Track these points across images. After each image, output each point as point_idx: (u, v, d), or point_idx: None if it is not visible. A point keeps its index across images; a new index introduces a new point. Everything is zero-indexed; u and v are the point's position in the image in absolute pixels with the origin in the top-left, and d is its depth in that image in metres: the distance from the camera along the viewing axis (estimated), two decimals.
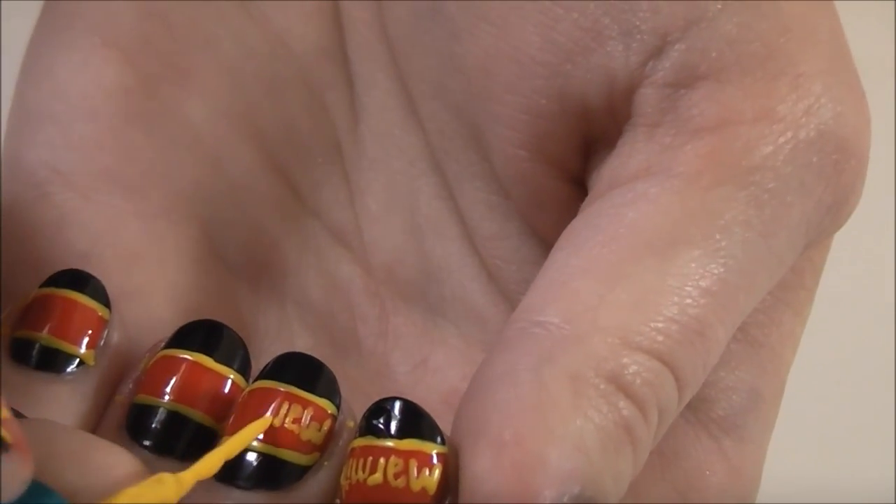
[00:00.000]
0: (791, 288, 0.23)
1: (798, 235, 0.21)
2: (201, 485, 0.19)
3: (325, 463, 0.20)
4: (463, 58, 0.23)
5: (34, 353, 0.21)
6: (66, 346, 0.21)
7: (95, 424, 0.21)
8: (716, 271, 0.20)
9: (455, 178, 0.25)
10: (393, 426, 0.19)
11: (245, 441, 0.20)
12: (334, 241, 0.26)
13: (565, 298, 0.20)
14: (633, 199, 0.21)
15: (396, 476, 0.19)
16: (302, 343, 0.26)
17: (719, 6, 0.21)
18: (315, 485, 0.20)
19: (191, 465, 0.19)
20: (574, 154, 0.23)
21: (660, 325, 0.19)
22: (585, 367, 0.19)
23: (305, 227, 0.26)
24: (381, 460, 0.19)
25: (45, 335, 0.21)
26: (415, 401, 0.20)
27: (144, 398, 0.21)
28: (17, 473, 0.16)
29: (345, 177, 0.26)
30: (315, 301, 0.26)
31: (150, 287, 0.24)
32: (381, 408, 0.20)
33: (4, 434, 0.16)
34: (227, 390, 0.21)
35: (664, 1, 0.21)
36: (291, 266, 0.26)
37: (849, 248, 0.25)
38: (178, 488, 0.18)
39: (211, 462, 0.19)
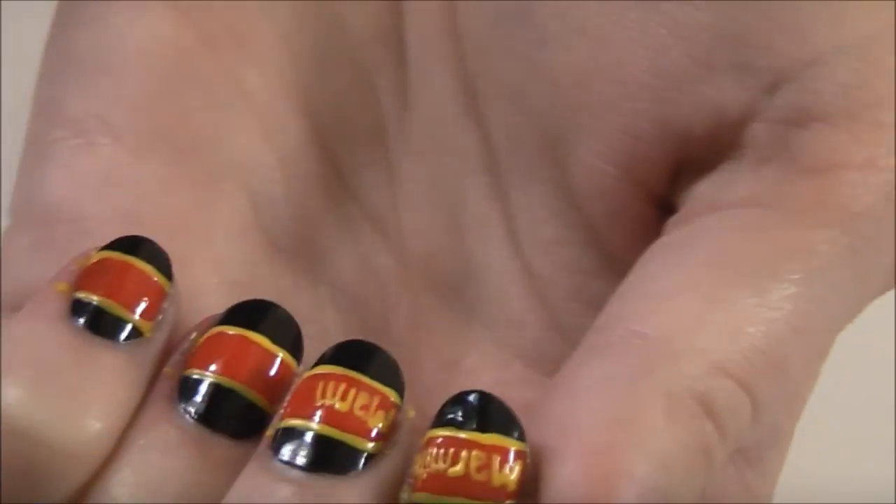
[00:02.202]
0: None
1: (880, 283, 0.21)
2: (261, 464, 0.19)
3: (388, 452, 0.20)
4: (551, 66, 0.23)
5: (90, 314, 0.21)
6: (123, 313, 0.21)
7: (144, 396, 0.21)
8: (807, 310, 0.20)
9: (521, 181, 0.25)
10: (476, 419, 0.19)
11: None
12: (372, 226, 0.26)
13: (665, 313, 0.20)
14: (738, 226, 0.21)
15: (479, 470, 0.19)
16: (333, 328, 0.26)
17: (832, 49, 0.21)
18: (379, 473, 0.20)
19: (239, 440, 0.20)
20: (664, 177, 0.23)
21: (750, 356, 0.20)
22: (680, 385, 0.19)
23: (345, 209, 0.26)
24: (464, 452, 0.19)
25: (106, 300, 0.21)
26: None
27: (194, 371, 0.21)
28: None
29: (387, 163, 0.26)
30: (349, 285, 0.26)
31: (195, 256, 0.23)
32: (464, 400, 0.20)
33: None
34: (277, 370, 0.21)
35: (777, 39, 0.21)
36: (329, 247, 0.26)
37: None
38: None
39: None
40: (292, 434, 0.20)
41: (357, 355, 0.20)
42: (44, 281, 0.21)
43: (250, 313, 0.21)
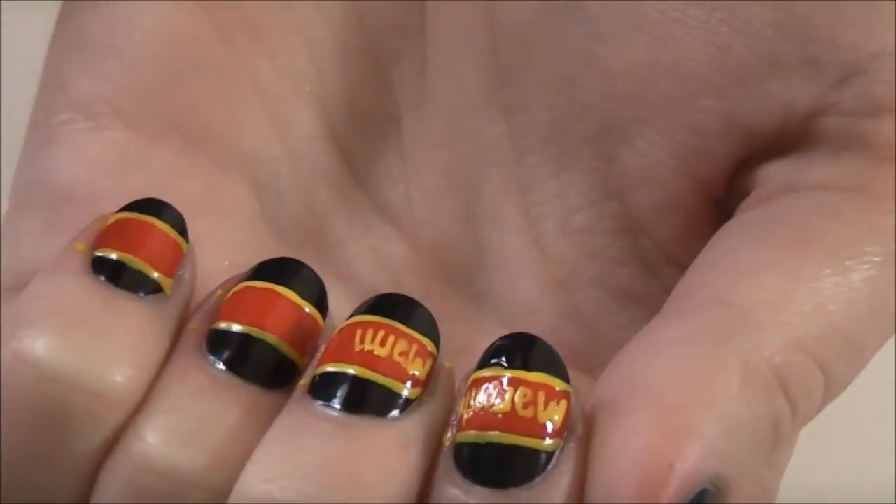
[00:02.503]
0: None
1: None
2: (300, 405, 0.20)
3: (427, 398, 0.20)
4: (605, 60, 0.23)
5: (111, 269, 0.21)
6: (144, 268, 0.21)
7: (168, 351, 0.21)
8: (882, 293, 0.21)
9: (552, 170, 0.25)
10: (522, 358, 0.19)
11: None
12: (384, 217, 0.26)
13: (750, 286, 0.21)
14: (819, 206, 0.22)
15: (525, 406, 0.19)
16: (344, 315, 0.26)
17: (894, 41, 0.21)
18: (418, 418, 0.20)
19: (268, 390, 0.20)
20: (724, 173, 0.23)
21: (828, 333, 0.20)
22: (759, 355, 0.19)
23: (357, 200, 0.26)
24: (510, 390, 0.19)
25: (126, 255, 0.21)
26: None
27: (223, 323, 0.21)
28: None
29: (401, 154, 0.26)
30: (359, 275, 0.26)
31: (209, 238, 0.24)
32: (510, 341, 0.20)
33: None
34: (305, 322, 0.21)
35: (843, 33, 0.22)
36: (339, 238, 0.26)
37: None
38: None
39: None
40: (331, 378, 0.20)
41: (395, 306, 0.21)
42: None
43: (277, 269, 0.22)
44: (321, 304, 0.22)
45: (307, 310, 0.21)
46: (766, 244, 0.21)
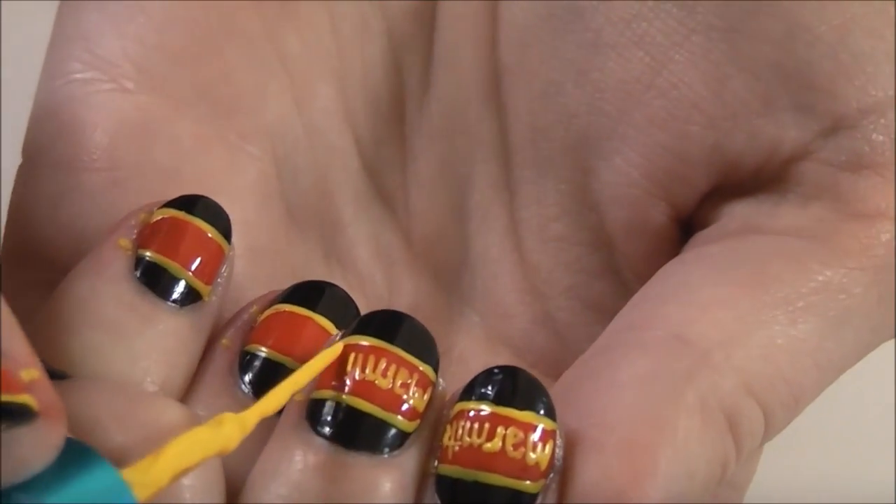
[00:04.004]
0: None
1: (887, 337, 0.22)
2: (296, 433, 0.19)
3: (424, 432, 0.20)
4: (599, 72, 0.23)
5: (153, 275, 0.21)
6: (185, 275, 0.21)
7: (201, 356, 0.21)
8: (828, 350, 0.21)
9: (532, 175, 0.25)
10: (511, 395, 0.19)
11: (311, 373, 0.19)
12: (383, 204, 0.26)
13: (706, 324, 0.21)
14: (780, 251, 0.22)
15: (515, 447, 0.19)
16: None
17: (890, 96, 0.22)
18: (413, 454, 0.20)
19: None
20: (695, 198, 0.23)
21: (775, 381, 0.20)
22: (714, 397, 0.20)
23: (361, 183, 0.26)
24: (500, 429, 0.19)
25: (169, 261, 0.21)
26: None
27: (257, 347, 0.21)
28: (46, 440, 0.16)
29: (403, 140, 0.26)
30: (358, 261, 0.26)
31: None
32: (497, 374, 0.20)
33: (29, 401, 0.16)
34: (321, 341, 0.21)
35: (840, 84, 0.22)
36: (342, 222, 0.26)
37: None
38: (241, 429, 0.18)
39: (276, 399, 0.19)
40: (329, 407, 0.19)
41: (392, 327, 0.20)
42: (73, 231, 0.21)
43: (311, 293, 0.21)
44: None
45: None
46: (725, 282, 0.21)
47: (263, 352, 0.21)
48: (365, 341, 0.20)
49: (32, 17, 0.28)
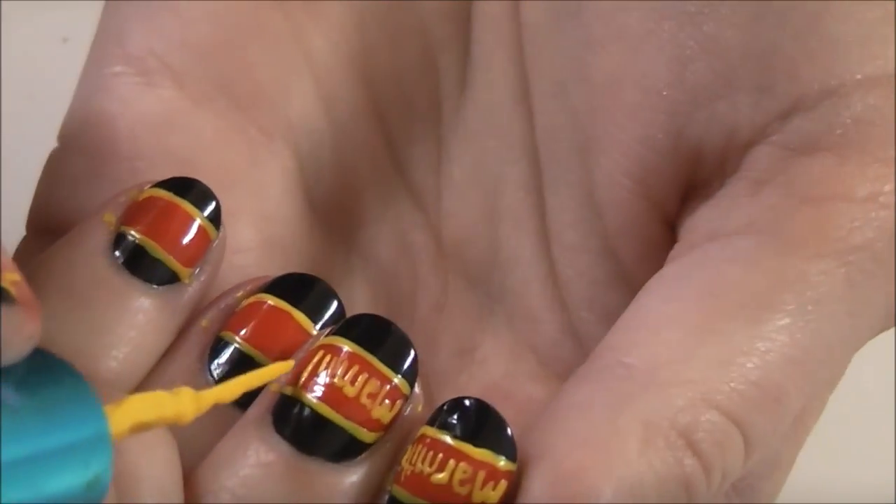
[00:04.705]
0: None
1: (878, 318, 0.21)
2: (257, 428, 0.19)
3: (386, 443, 0.20)
4: (591, 69, 0.23)
5: (131, 252, 0.21)
6: (164, 256, 0.21)
7: (172, 343, 0.21)
8: (801, 342, 0.20)
9: (551, 178, 0.25)
10: (471, 430, 0.19)
11: (268, 377, 0.19)
12: (413, 203, 0.26)
13: (653, 345, 0.20)
14: (732, 256, 0.21)
15: (462, 483, 0.19)
16: (359, 297, 0.26)
17: (856, 80, 0.21)
18: (372, 464, 0.20)
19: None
20: (674, 196, 0.23)
21: (741, 387, 0.19)
22: (661, 416, 0.19)
23: (390, 182, 0.26)
24: (451, 462, 0.19)
25: (149, 240, 0.21)
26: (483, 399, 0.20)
27: (230, 335, 0.21)
28: (22, 328, 0.16)
29: (438, 141, 0.26)
30: (382, 259, 0.26)
31: (242, 212, 0.23)
32: (464, 406, 0.19)
33: (8, 286, 0.16)
34: (298, 338, 0.21)
35: (803, 66, 0.21)
36: (368, 218, 0.26)
37: None
38: (197, 405, 0.18)
39: (233, 388, 0.19)
40: (294, 406, 0.19)
41: (374, 334, 0.20)
42: (89, 210, 0.21)
43: (295, 287, 0.21)
44: (335, 321, 0.21)
45: (315, 334, 0.21)
46: (675, 301, 0.21)
47: (235, 341, 0.21)
48: (343, 345, 0.20)
49: (32, 18, 0.28)
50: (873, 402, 0.34)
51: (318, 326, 0.21)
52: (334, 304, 0.22)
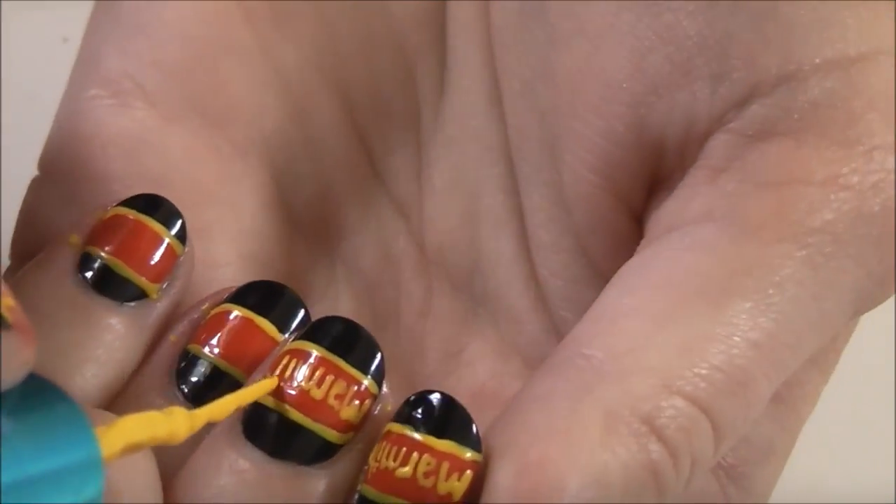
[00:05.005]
0: (822, 349, 0.22)
1: (847, 302, 0.21)
2: (226, 437, 0.19)
3: (356, 443, 0.20)
4: (555, 66, 0.23)
5: (97, 271, 0.21)
6: (130, 274, 0.21)
7: (143, 359, 0.21)
8: (765, 325, 0.20)
9: (524, 179, 0.25)
10: (434, 423, 0.19)
11: (258, 393, 0.19)
12: (395, 211, 0.26)
13: (613, 335, 0.20)
14: (691, 244, 0.21)
15: (426, 475, 0.19)
16: (344, 307, 0.26)
17: (814, 64, 0.21)
18: (344, 465, 0.20)
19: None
20: (640, 190, 0.23)
21: (704, 372, 0.19)
22: (622, 404, 0.19)
23: (371, 191, 0.26)
24: (415, 455, 0.19)
25: (114, 259, 0.21)
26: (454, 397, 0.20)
27: (197, 348, 0.21)
28: (18, 353, 0.16)
29: (418, 148, 0.26)
30: (365, 268, 0.26)
31: (217, 228, 0.24)
32: (426, 400, 0.20)
33: (4, 312, 0.16)
34: (265, 347, 0.21)
35: (760, 53, 0.21)
36: (350, 228, 0.26)
37: None
38: (190, 424, 0.18)
39: (224, 406, 0.19)
40: (263, 413, 0.20)
41: (340, 335, 0.20)
42: (67, 233, 0.22)
43: (262, 295, 0.21)
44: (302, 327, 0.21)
45: (281, 341, 0.21)
46: (636, 291, 0.21)
47: (202, 354, 0.21)
48: (309, 349, 0.20)
49: (32, 18, 0.28)
50: (873, 401, 0.34)
51: (285, 334, 0.21)
52: (301, 312, 0.22)
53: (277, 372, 0.20)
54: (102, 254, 0.21)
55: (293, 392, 0.19)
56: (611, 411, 0.19)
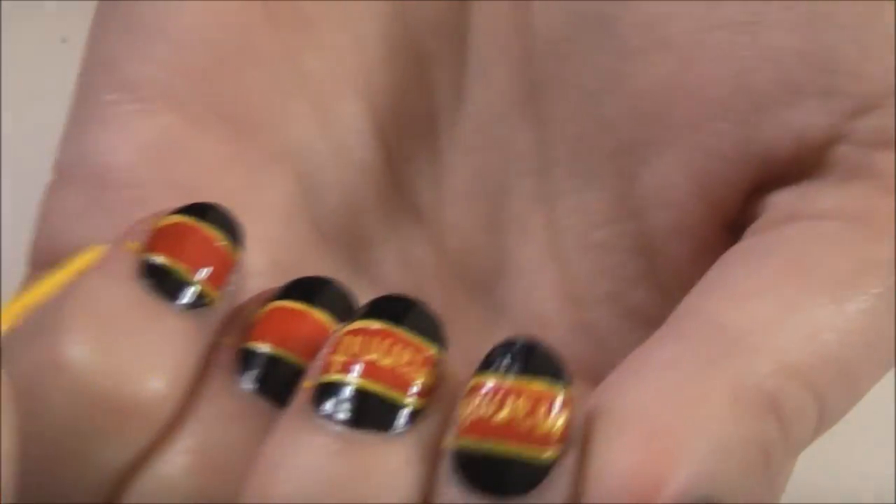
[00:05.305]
0: None
1: None
2: (301, 417, 0.19)
3: (432, 408, 0.20)
4: (631, 78, 0.23)
5: (160, 276, 0.21)
6: (192, 279, 0.21)
7: (204, 364, 0.21)
8: (881, 327, 0.21)
9: (573, 184, 0.25)
10: (522, 365, 0.19)
11: (83, 263, 0.20)
12: (415, 219, 0.26)
13: (744, 311, 0.20)
14: (821, 236, 0.21)
15: (525, 416, 0.19)
16: None
17: None
18: (423, 429, 0.20)
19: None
20: (739, 198, 0.23)
21: (821, 362, 0.20)
22: (749, 379, 0.19)
23: (392, 199, 0.26)
24: (510, 399, 0.19)
25: (177, 263, 0.21)
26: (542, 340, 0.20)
27: (254, 344, 0.21)
28: None
29: (436, 155, 0.26)
30: (388, 276, 0.26)
31: (248, 237, 0.23)
32: (510, 345, 0.20)
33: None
34: (322, 335, 0.21)
35: (865, 64, 0.21)
36: (372, 237, 0.26)
37: None
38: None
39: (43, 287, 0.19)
40: (334, 388, 0.19)
41: (401, 310, 0.20)
42: (94, 241, 0.22)
43: (309, 289, 0.22)
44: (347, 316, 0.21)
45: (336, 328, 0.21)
46: (764, 271, 0.21)
47: (261, 348, 0.21)
48: (373, 325, 0.20)
49: (32, 18, 0.28)
50: (873, 401, 0.34)
51: (337, 323, 0.21)
52: (350, 300, 0.22)
53: (341, 351, 0.20)
54: (165, 259, 0.21)
55: (365, 365, 0.19)
56: (739, 384, 0.19)
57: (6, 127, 0.34)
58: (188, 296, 0.21)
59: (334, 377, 0.20)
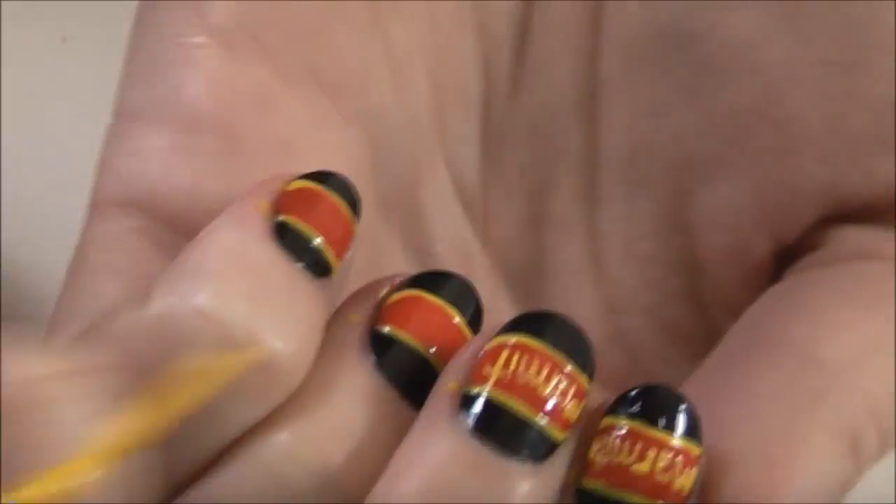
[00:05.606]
0: None
1: None
2: (452, 423, 0.19)
3: (572, 440, 0.19)
4: (711, 98, 0.23)
5: (292, 241, 0.20)
6: (322, 247, 0.20)
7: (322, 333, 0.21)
8: None
9: (623, 191, 0.25)
10: (669, 419, 0.19)
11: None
12: (462, 203, 0.26)
13: (835, 345, 0.21)
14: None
15: (664, 470, 0.19)
16: None
17: None
18: (561, 462, 0.19)
19: (412, 401, 0.20)
20: (799, 228, 0.23)
21: (893, 408, 0.21)
22: (842, 418, 0.20)
23: (443, 180, 0.26)
24: (652, 451, 0.19)
25: (311, 231, 0.20)
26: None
27: (386, 328, 0.20)
28: None
29: (486, 142, 0.26)
30: (437, 256, 0.26)
31: None
32: (654, 393, 0.19)
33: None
34: (459, 339, 0.21)
35: None
36: (424, 215, 0.26)
37: None
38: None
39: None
40: (488, 405, 0.19)
41: (565, 336, 0.20)
42: (189, 189, 0.21)
43: (448, 286, 0.21)
44: (476, 318, 0.21)
45: (463, 328, 0.21)
46: (850, 304, 0.22)
47: (397, 335, 0.20)
48: (533, 343, 0.19)
49: (32, 18, 0.28)
50: None
51: (464, 318, 0.21)
52: (474, 297, 0.21)
53: (500, 365, 0.19)
54: (296, 223, 0.20)
55: (521, 388, 0.19)
56: (836, 425, 0.20)
57: (6, 127, 0.34)
58: (316, 262, 0.20)
59: (490, 392, 0.19)
